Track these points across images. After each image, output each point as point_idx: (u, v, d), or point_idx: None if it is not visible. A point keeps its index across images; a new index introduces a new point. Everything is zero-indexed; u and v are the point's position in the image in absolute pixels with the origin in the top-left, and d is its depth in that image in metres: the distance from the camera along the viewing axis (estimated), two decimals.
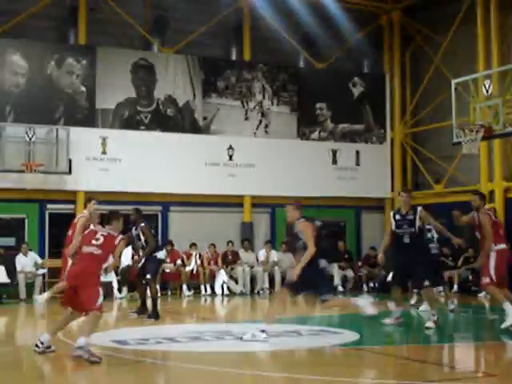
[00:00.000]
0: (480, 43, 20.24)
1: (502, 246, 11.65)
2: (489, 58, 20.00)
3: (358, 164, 22.81)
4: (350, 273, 21.27)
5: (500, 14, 19.96)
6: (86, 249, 9.22)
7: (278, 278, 20.29)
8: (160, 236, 20.72)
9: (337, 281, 20.74)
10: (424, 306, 14.01)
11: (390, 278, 15.25)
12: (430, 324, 11.72)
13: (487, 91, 15.36)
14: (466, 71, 18.16)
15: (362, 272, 21.34)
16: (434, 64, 22.16)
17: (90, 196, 14.26)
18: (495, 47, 19.79)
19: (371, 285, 20.93)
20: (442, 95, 20.34)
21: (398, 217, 12.04)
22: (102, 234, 9.37)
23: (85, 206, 13.58)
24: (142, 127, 20.43)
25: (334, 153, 22.54)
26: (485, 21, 20.15)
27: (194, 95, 20.96)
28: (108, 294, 18.59)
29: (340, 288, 20.64)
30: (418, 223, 11.86)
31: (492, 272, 11.41)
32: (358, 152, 22.85)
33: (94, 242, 9.24)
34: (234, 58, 22.08)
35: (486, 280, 11.49)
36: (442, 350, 10.34)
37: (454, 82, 15.80)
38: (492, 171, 20.04)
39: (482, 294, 17.47)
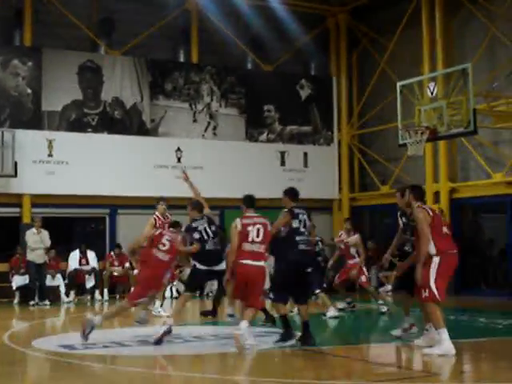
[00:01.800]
0: (425, 46, 20.53)
1: (449, 250, 9.43)
2: (434, 60, 20.30)
3: (306, 165, 22.96)
4: None
5: (445, 17, 20.27)
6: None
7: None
8: (108, 239, 20.64)
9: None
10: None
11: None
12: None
13: (432, 93, 15.57)
14: (412, 73, 18.39)
15: None
16: (380, 66, 22.41)
17: (159, 198, 14.66)
18: (440, 50, 20.10)
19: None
20: (388, 97, 20.58)
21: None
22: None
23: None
24: (89, 129, 20.26)
25: (282, 154, 22.65)
26: (430, 24, 20.45)
27: (142, 97, 20.86)
28: (55, 299, 18.47)
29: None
30: None
31: (432, 284, 9.20)
32: (305, 154, 22.99)
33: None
34: (181, 59, 22.04)
35: (424, 294, 9.25)
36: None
37: (399, 84, 16.00)
38: (437, 172, 20.35)
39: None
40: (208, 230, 11.44)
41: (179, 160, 21.05)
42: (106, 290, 19.41)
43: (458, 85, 14.84)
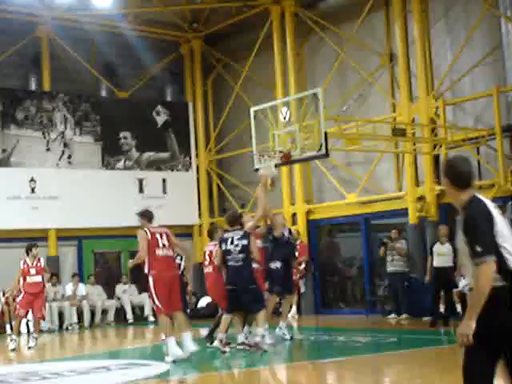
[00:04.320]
0: (277, 71, 20.92)
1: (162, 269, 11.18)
2: (286, 85, 20.71)
3: (164, 192, 22.83)
4: None
5: (296, 42, 20.74)
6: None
7: (86, 313, 19.89)
8: None
9: (148, 310, 20.61)
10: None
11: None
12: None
13: (285, 118, 15.84)
14: (266, 98, 18.68)
15: None
16: (234, 92, 22.65)
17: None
18: (292, 75, 20.52)
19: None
20: (243, 122, 20.78)
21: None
22: None
23: None
24: None
25: (141, 181, 22.43)
26: (281, 49, 20.85)
27: None
28: None
29: (151, 318, 20.49)
30: None
31: (155, 299, 11.13)
32: (164, 180, 22.87)
33: None
34: (33, 87, 21.48)
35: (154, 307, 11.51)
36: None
37: (252, 109, 16.16)
38: (294, 195, 20.71)
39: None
40: None
41: (33, 190, 20.46)
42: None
43: (311, 109, 15.14)
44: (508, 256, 4.72)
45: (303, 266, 19.07)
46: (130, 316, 20.61)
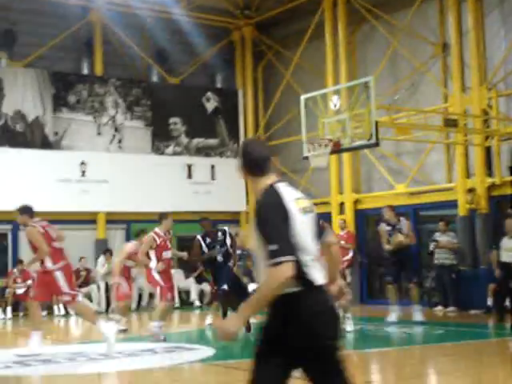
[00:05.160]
0: (328, 59, 20.81)
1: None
2: (337, 73, 20.60)
3: (213, 178, 22.92)
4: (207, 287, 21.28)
5: (348, 30, 20.61)
6: None
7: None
8: (10, 255, 20.09)
9: (194, 295, 20.76)
10: None
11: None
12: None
13: (335, 106, 15.75)
14: (316, 86, 18.61)
15: None
16: (285, 79, 22.60)
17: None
18: (343, 63, 20.41)
19: None
20: (293, 110, 20.74)
21: None
22: None
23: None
24: None
25: (189, 167, 22.55)
26: (333, 37, 20.75)
27: (44, 110, 20.44)
28: None
29: (197, 303, 20.66)
30: None
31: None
32: (213, 166, 22.95)
33: None
34: (85, 72, 21.70)
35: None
36: None
37: (303, 97, 16.11)
38: (342, 184, 20.63)
39: None
40: None
41: (83, 174, 20.71)
42: (9, 308, 18.88)
43: (361, 98, 15.06)
44: (305, 261, 4.17)
45: (350, 255, 18.97)
46: (176, 300, 20.74)
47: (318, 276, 4.25)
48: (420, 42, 19.42)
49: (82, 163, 20.75)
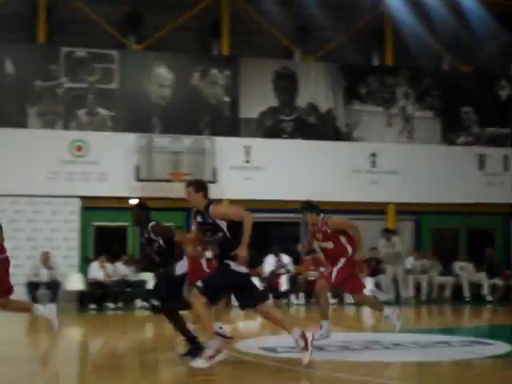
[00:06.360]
0: None
1: None
2: None
3: (506, 169, 22.02)
4: (499, 281, 20.56)
5: None
6: None
7: (424, 288, 19.97)
8: None
9: (486, 290, 20.16)
10: None
11: None
12: None
13: None
14: None
15: None
16: None
17: None
18: None
19: None
20: None
21: None
22: None
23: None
24: (285, 135, 20.55)
25: (481, 157, 21.85)
26: None
27: (336, 102, 20.87)
28: None
29: (488, 297, 20.02)
30: None
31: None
32: (506, 156, 22.06)
33: None
34: (375, 63, 21.85)
35: None
36: None
37: None
38: None
39: None
40: None
41: (374, 164, 20.86)
42: (301, 294, 19.51)
43: None
44: None
45: None
46: (466, 294, 20.23)
47: None
48: None
49: (373, 154, 20.91)
